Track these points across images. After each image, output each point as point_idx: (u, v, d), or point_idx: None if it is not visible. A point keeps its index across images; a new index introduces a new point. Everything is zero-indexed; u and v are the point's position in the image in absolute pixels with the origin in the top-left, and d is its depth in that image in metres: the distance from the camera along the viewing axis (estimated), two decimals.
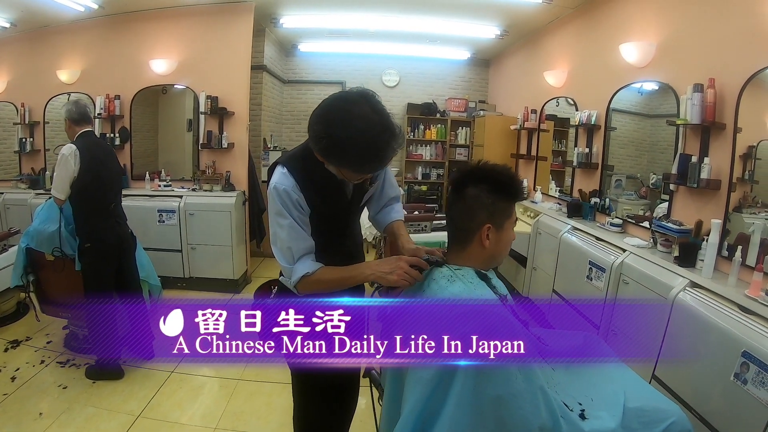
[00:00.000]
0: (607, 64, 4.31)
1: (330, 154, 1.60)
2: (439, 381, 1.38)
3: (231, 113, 5.36)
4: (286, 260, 1.74)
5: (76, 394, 3.21)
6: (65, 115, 3.33)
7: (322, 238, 1.82)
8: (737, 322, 2.27)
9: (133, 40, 5.35)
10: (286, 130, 8.11)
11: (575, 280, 3.91)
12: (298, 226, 1.73)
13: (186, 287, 5.17)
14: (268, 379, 3.49)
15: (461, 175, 1.62)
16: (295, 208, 1.73)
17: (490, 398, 1.33)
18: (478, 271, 1.61)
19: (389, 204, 2.13)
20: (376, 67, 8.04)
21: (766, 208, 2.82)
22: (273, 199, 1.74)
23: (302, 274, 1.71)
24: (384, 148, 1.56)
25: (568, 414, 1.48)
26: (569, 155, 5.38)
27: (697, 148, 3.11)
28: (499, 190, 1.56)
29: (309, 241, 1.76)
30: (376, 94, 1.62)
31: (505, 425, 1.34)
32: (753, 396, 2.06)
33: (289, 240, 1.72)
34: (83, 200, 3.30)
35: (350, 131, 1.52)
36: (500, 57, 7.77)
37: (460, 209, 1.60)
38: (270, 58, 6.94)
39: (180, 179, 5.50)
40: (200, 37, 5.34)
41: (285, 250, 1.74)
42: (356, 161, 1.59)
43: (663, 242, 3.23)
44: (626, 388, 1.74)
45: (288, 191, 1.71)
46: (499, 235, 1.59)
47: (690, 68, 3.20)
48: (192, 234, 5.08)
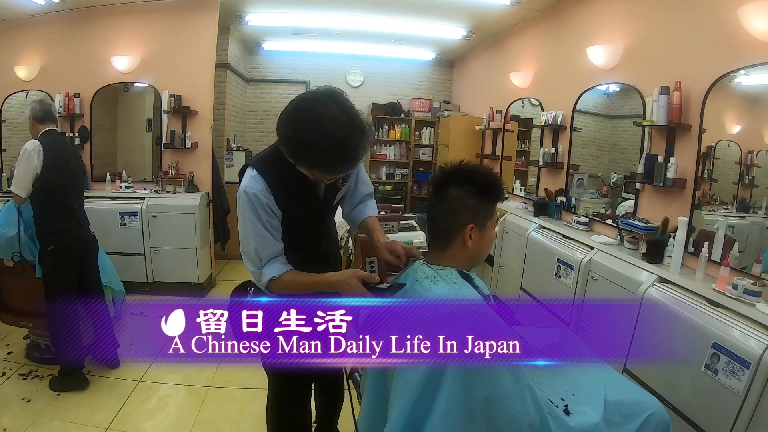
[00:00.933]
0: (574, 66, 4.40)
1: (300, 156, 1.60)
2: (427, 384, 1.37)
3: (194, 112, 5.24)
4: (254, 264, 1.76)
5: (40, 407, 3.06)
6: (29, 113, 3.21)
7: (298, 239, 1.83)
8: (706, 315, 2.36)
9: (95, 36, 5.16)
10: (249, 130, 8.00)
11: (543, 278, 3.98)
12: (265, 231, 1.73)
13: (150, 292, 5.01)
14: (239, 385, 3.43)
15: (443, 175, 1.61)
16: (264, 212, 1.72)
17: (480, 399, 1.34)
18: (460, 271, 1.62)
19: (363, 201, 2.14)
20: (340, 66, 8.02)
21: (725, 205, 2.95)
22: (242, 203, 1.74)
23: (269, 278, 1.73)
24: (354, 148, 1.56)
25: (553, 410, 1.51)
26: (533, 155, 5.50)
27: (662, 148, 3.22)
28: (483, 192, 1.58)
29: (277, 245, 1.76)
30: (343, 92, 1.62)
31: (495, 425, 1.35)
32: (724, 385, 2.14)
33: (257, 242, 1.73)
34: (46, 199, 3.15)
35: (319, 132, 1.51)
36: (465, 58, 7.84)
37: (442, 210, 1.60)
38: (234, 57, 6.84)
39: (142, 180, 5.34)
40: (164, 34, 5.20)
41: (253, 253, 1.74)
42: (327, 162, 1.59)
43: (630, 239, 3.33)
44: (605, 383, 1.80)
45: (257, 195, 1.70)
46: (481, 236, 1.60)
47: (656, 71, 3.30)
48: (155, 237, 4.93)
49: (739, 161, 2.86)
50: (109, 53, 5.15)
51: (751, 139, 2.85)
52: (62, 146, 3.37)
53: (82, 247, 3.38)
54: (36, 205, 3.16)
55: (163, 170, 5.26)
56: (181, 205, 4.97)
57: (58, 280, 3.21)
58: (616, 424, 1.63)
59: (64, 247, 3.22)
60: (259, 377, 3.51)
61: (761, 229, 2.76)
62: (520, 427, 1.36)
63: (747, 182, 2.84)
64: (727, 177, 2.95)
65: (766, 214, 2.72)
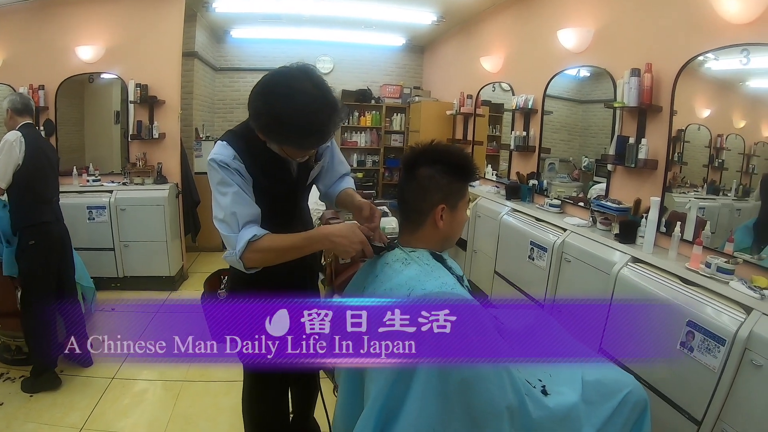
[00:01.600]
0: (545, 50, 4.41)
1: (271, 131, 1.57)
2: (402, 369, 1.34)
3: (162, 102, 5.13)
4: (230, 228, 1.63)
5: (13, 410, 2.97)
6: (8, 105, 3.13)
7: (270, 218, 1.75)
8: (680, 294, 2.40)
9: (58, 26, 4.98)
10: (218, 119, 7.87)
11: (517, 261, 4.00)
12: (242, 192, 1.66)
13: (121, 287, 4.91)
14: (213, 379, 3.39)
15: (414, 154, 1.59)
16: (236, 175, 1.66)
17: (456, 382, 1.31)
18: (433, 252, 1.59)
19: (340, 179, 2.13)
20: (309, 53, 7.87)
21: (695, 187, 3.00)
22: (213, 171, 1.67)
23: (248, 239, 1.60)
24: (326, 123, 1.53)
25: (531, 391, 1.50)
26: (504, 140, 5.52)
27: (633, 129, 3.25)
28: (455, 171, 1.55)
29: (255, 207, 1.68)
30: (316, 68, 1.59)
31: (473, 408, 1.33)
32: (700, 362, 2.18)
33: (233, 206, 1.63)
34: (26, 191, 3.07)
35: (290, 106, 1.48)
36: (435, 43, 7.82)
37: (413, 190, 1.57)
38: (202, 45, 6.71)
39: (109, 173, 5.21)
40: (129, 23, 5.05)
41: (229, 217, 1.63)
42: (297, 137, 1.55)
43: (602, 221, 3.36)
44: (582, 362, 1.81)
45: (226, 161, 1.64)
46: (453, 216, 1.57)
47: (627, 54, 3.32)
48: (124, 231, 4.81)
49: (709, 145, 2.89)
50: (74, 43, 4.99)
51: (721, 122, 2.88)
52: (41, 140, 3.32)
53: (61, 241, 3.31)
54: (15, 197, 3.07)
55: (130, 162, 5.14)
56: (149, 197, 4.86)
57: (39, 276, 3.15)
58: (595, 403, 1.64)
59: (45, 240, 3.15)
60: (234, 370, 3.47)
61: (731, 211, 2.81)
62: (498, 410, 1.35)
63: (717, 165, 2.88)
64: (697, 160, 2.99)
65: (736, 197, 2.77)
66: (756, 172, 2.65)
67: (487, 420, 1.34)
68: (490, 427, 1.35)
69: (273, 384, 2.12)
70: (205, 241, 6.29)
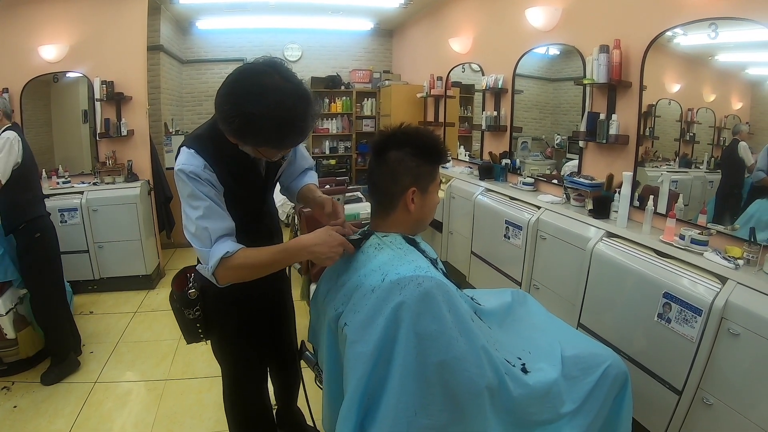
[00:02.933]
0: (513, 29, 4.40)
1: (245, 134, 1.45)
2: (380, 355, 1.32)
3: (128, 98, 5.01)
4: (202, 243, 1.57)
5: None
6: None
7: (240, 219, 1.68)
8: (655, 266, 2.42)
9: (19, 25, 4.78)
10: (187, 113, 7.73)
11: (493, 240, 4.01)
12: (214, 205, 1.59)
13: (98, 289, 4.83)
14: (195, 375, 3.37)
15: (383, 138, 1.56)
16: (207, 187, 1.58)
17: (434, 365, 1.31)
18: (405, 236, 1.58)
19: (303, 173, 2.10)
20: (277, 41, 7.82)
21: (666, 161, 3.03)
22: (181, 183, 1.58)
23: (221, 255, 1.53)
24: (303, 118, 1.44)
25: (511, 370, 1.50)
26: (476, 120, 5.52)
27: (604, 106, 3.26)
28: (424, 154, 1.53)
29: (228, 221, 1.62)
30: (284, 61, 1.49)
31: (452, 389, 1.32)
32: (678, 333, 2.21)
33: (205, 221, 1.56)
34: (25, 187, 3.14)
35: (264, 105, 1.38)
36: (404, 26, 7.78)
37: (383, 173, 1.54)
38: (167, 38, 6.56)
39: (79, 174, 5.07)
40: (92, 19, 4.89)
41: (201, 232, 1.56)
42: (275, 137, 1.45)
43: (576, 197, 3.38)
44: (560, 338, 1.81)
45: (196, 172, 1.56)
46: (424, 199, 1.56)
47: (595, 31, 3.32)
48: (98, 231, 4.70)
49: (680, 119, 2.92)
50: (36, 43, 4.81)
51: (691, 97, 2.91)
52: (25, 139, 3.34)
53: (56, 235, 3.40)
54: (14, 193, 3.09)
55: (100, 161, 5.02)
56: (121, 195, 4.75)
57: (53, 262, 3.34)
58: (575, 378, 1.65)
59: (48, 231, 3.30)
60: (215, 365, 3.43)
61: (703, 183, 2.85)
62: (478, 390, 1.35)
63: (688, 139, 2.91)
64: (668, 134, 3.01)
65: (708, 169, 2.80)
66: (726, 145, 2.68)
67: (467, 400, 1.34)
68: (470, 407, 1.35)
69: (252, 378, 2.12)
70: (180, 237, 6.18)
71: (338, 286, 1.56)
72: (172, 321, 4.07)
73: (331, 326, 1.51)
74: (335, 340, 1.51)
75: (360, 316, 1.38)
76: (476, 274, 4.35)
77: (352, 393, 1.32)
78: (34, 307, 3.26)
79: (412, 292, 1.33)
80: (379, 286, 1.39)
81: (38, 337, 3.39)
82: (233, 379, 2.11)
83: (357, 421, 1.32)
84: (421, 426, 1.30)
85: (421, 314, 1.32)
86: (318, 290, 1.73)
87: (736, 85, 2.68)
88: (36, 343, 3.40)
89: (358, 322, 1.37)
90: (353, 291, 1.46)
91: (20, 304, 3.33)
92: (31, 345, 3.38)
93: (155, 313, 4.41)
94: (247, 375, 2.09)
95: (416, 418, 1.30)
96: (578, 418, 1.60)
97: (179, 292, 1.89)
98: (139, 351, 3.71)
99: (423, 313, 1.32)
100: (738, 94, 2.66)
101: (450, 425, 1.33)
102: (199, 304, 1.88)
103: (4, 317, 3.18)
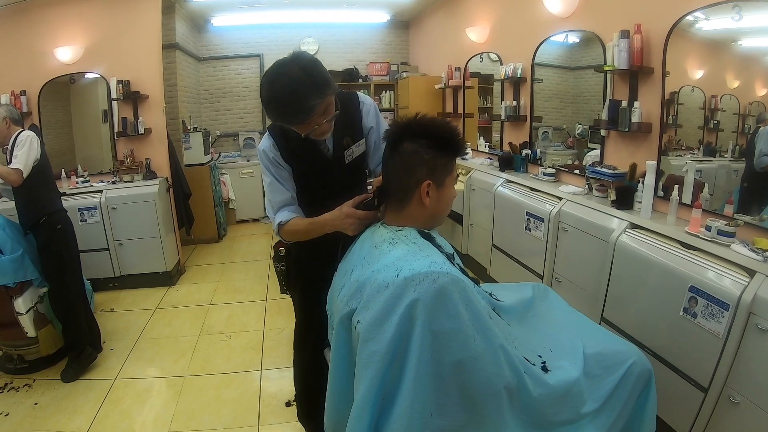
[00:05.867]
0: (531, 17, 4.31)
1: (267, 114, 1.73)
2: (394, 354, 1.28)
3: (145, 96, 5.05)
4: (270, 209, 2.02)
5: (19, 419, 2.94)
6: (6, 114, 3.23)
7: (314, 193, 2.02)
8: (681, 259, 2.34)
9: (35, 29, 4.85)
10: (205, 109, 7.78)
11: (514, 233, 3.95)
12: (276, 181, 1.98)
13: (118, 287, 4.89)
14: (214, 371, 3.38)
15: (397, 129, 1.52)
16: (272, 164, 1.97)
17: (450, 364, 1.26)
18: (420, 230, 1.53)
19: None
20: (293, 36, 7.79)
21: (690, 150, 2.93)
22: (260, 159, 2.00)
23: (278, 223, 1.96)
24: (267, 100, 1.66)
25: (530, 369, 1.45)
26: (495, 110, 5.44)
27: (626, 93, 3.17)
28: (440, 146, 1.48)
29: (286, 193, 1.99)
30: (307, 53, 1.74)
31: (469, 389, 1.28)
32: (704, 328, 2.13)
33: (269, 193, 2.00)
34: (45, 182, 3.32)
35: (263, 89, 1.67)
36: (420, 17, 7.69)
37: (396, 166, 1.51)
38: (182, 36, 6.58)
39: (98, 173, 5.13)
40: (106, 19, 4.93)
41: (268, 203, 2.03)
42: (277, 115, 1.71)
43: (598, 187, 3.31)
44: (582, 335, 1.76)
45: (265, 151, 1.96)
46: (440, 193, 1.51)
47: (615, 16, 3.23)
48: (117, 229, 4.76)
49: (704, 106, 2.82)
50: (52, 45, 4.88)
51: (715, 83, 2.81)
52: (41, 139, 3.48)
53: (74, 231, 3.52)
54: (36, 188, 3.25)
55: (118, 160, 5.07)
56: (140, 193, 4.80)
57: (74, 254, 3.47)
58: (597, 376, 1.60)
59: (68, 223, 3.44)
60: (234, 360, 3.50)
61: (728, 172, 2.74)
62: (495, 390, 1.30)
63: (712, 126, 2.81)
64: (691, 122, 2.92)
65: (733, 157, 2.70)
66: (752, 132, 2.59)
67: (485, 401, 1.30)
68: (488, 407, 1.31)
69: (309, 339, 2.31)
70: (200, 233, 6.25)
71: (352, 281, 1.51)
72: (191, 317, 4.16)
73: (344, 323, 1.46)
74: (348, 337, 1.46)
75: (373, 313, 1.33)
76: (497, 268, 4.30)
77: (365, 393, 1.28)
78: (53, 298, 3.34)
79: (427, 288, 1.28)
80: (392, 283, 1.33)
81: (58, 335, 3.45)
82: (297, 331, 2.42)
83: (370, 422, 1.29)
84: (436, 427, 1.26)
85: (437, 312, 1.27)
86: (333, 286, 1.70)
87: (761, 70, 2.57)
88: (56, 341, 3.46)
89: (371, 319, 1.32)
90: (366, 287, 1.41)
91: (40, 303, 3.38)
92: (52, 343, 3.43)
93: (175, 309, 4.44)
94: (305, 330, 2.33)
95: (432, 419, 1.26)
96: (600, 417, 1.55)
97: (276, 250, 2.35)
98: (159, 347, 3.74)
99: (438, 311, 1.27)
100: (762, 79, 2.54)
101: (467, 426, 1.29)
102: (284, 260, 2.35)
103: (24, 316, 3.22)
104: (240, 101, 7.83)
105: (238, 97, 7.82)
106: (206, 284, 5.08)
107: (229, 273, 5.40)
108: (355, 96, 2.10)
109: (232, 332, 3.95)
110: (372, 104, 2.12)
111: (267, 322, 4.10)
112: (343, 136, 2.00)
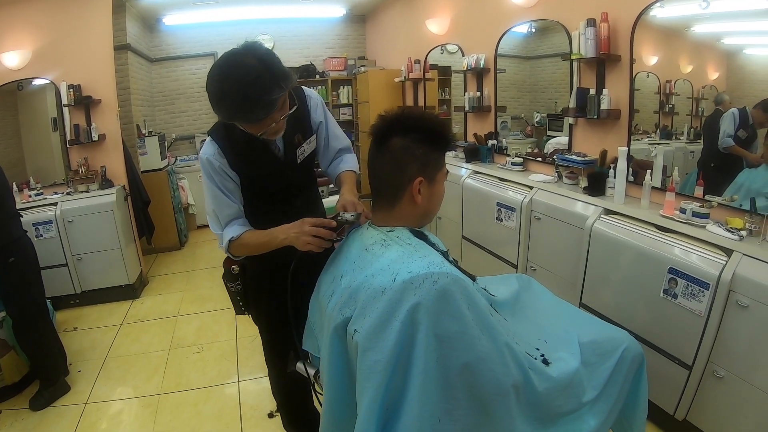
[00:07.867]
0: (493, 7, 4.32)
1: (217, 110, 1.54)
2: (397, 362, 1.22)
3: (97, 101, 4.83)
4: (215, 226, 1.84)
5: None
6: None
7: (267, 199, 1.89)
8: (658, 242, 2.39)
9: None
10: (159, 112, 7.54)
11: (484, 224, 3.97)
12: (220, 193, 1.78)
13: (80, 303, 4.65)
14: (190, 386, 3.25)
15: (384, 124, 1.45)
16: (218, 174, 1.77)
17: (457, 368, 1.22)
18: (412, 229, 1.48)
19: (338, 156, 2.09)
20: (248, 33, 7.45)
21: (647, 134, 3.03)
22: (201, 169, 1.80)
23: (229, 239, 1.79)
24: (262, 93, 1.49)
25: (534, 364, 1.43)
26: (455, 102, 5.46)
27: (593, 81, 3.21)
28: (431, 140, 1.43)
29: (233, 206, 1.81)
30: (262, 43, 1.56)
31: (477, 391, 1.24)
32: (685, 308, 2.19)
33: (214, 206, 1.80)
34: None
35: (209, 83, 1.51)
36: (377, 10, 7.65)
37: (385, 163, 1.44)
38: (134, 36, 6.35)
39: (51, 184, 4.87)
40: (54, 22, 4.68)
41: (212, 214, 1.82)
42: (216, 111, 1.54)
43: (568, 175, 3.34)
44: (573, 324, 1.76)
45: (210, 159, 1.76)
46: (431, 189, 1.47)
47: (580, 4, 3.25)
48: (75, 243, 4.52)
49: (658, 91, 2.92)
50: None
51: (669, 69, 2.90)
52: None
53: (34, 253, 3.22)
54: None
55: (72, 169, 4.82)
56: (96, 204, 4.57)
57: (33, 288, 3.13)
58: (594, 364, 1.60)
59: (24, 253, 3.07)
60: (209, 374, 3.39)
61: (685, 154, 2.84)
62: (504, 389, 1.27)
63: (667, 111, 2.91)
64: (647, 107, 3.00)
65: (689, 140, 2.81)
66: (705, 115, 2.70)
67: (493, 401, 1.27)
68: (497, 408, 1.27)
69: (281, 352, 2.14)
70: (161, 242, 6.07)
71: (342, 288, 1.43)
72: (160, 330, 4.02)
73: (339, 333, 1.38)
74: (343, 347, 1.39)
75: (371, 321, 1.26)
76: (469, 259, 4.31)
77: (369, 404, 1.22)
78: (17, 333, 3.08)
79: (428, 291, 1.23)
80: (390, 287, 1.27)
81: (22, 361, 3.23)
82: (267, 347, 2.28)
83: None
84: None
85: (440, 315, 1.22)
86: (319, 293, 1.62)
87: (712, 55, 2.67)
88: (20, 368, 3.24)
89: (370, 327, 1.25)
90: (360, 293, 1.34)
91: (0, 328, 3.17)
92: (16, 370, 3.21)
93: (142, 323, 4.27)
94: (277, 344, 2.19)
95: (440, 424, 1.22)
96: (599, 404, 1.55)
97: (226, 268, 2.09)
98: (129, 365, 3.56)
99: (442, 314, 1.22)
100: (714, 64, 2.65)
101: (476, 428, 1.26)
102: (239, 278, 2.11)
103: None
104: (195, 102, 7.62)
105: (192, 98, 7.60)
106: (172, 294, 4.90)
107: (195, 281, 5.24)
108: (300, 90, 1.94)
109: (204, 344, 3.81)
110: (318, 98, 2.00)
111: (239, 331, 3.98)
112: (294, 133, 1.86)
